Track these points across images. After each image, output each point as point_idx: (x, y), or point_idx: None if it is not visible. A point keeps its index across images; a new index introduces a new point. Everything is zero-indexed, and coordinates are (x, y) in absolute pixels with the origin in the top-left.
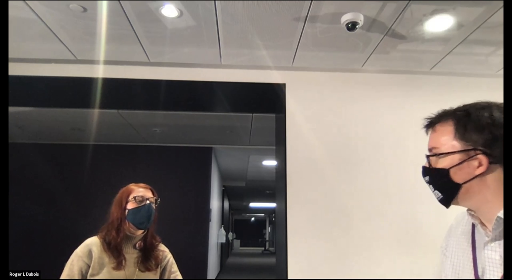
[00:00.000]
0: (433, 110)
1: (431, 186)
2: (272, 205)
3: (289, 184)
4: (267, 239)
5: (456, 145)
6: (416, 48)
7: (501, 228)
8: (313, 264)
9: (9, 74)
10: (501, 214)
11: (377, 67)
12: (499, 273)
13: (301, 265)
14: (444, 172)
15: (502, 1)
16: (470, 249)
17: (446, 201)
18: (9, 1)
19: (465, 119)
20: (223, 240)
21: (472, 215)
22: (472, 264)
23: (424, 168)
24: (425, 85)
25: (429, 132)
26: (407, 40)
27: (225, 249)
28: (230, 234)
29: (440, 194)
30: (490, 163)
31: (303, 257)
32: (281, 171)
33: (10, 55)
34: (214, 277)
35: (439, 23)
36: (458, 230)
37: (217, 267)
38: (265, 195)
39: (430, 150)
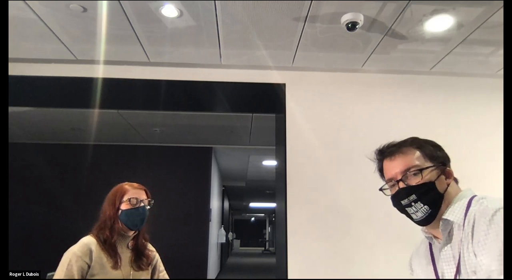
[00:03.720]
0: (433, 110)
1: (418, 203)
2: (272, 205)
3: (289, 184)
4: (267, 239)
5: (430, 163)
6: (416, 48)
7: (449, 228)
8: (313, 264)
9: (9, 74)
10: (443, 215)
11: (377, 67)
12: (454, 268)
13: (301, 265)
14: (432, 185)
15: (502, 1)
16: (431, 265)
17: (433, 215)
18: (9, 1)
19: (425, 144)
20: (223, 240)
21: (426, 232)
22: (434, 275)
23: (404, 189)
24: (425, 85)
25: (392, 159)
26: (407, 40)
27: (225, 249)
28: (230, 234)
29: (428, 209)
30: None
31: (303, 257)
32: (281, 171)
33: (10, 55)
34: (214, 277)
35: (439, 23)
36: (419, 252)
37: (217, 267)
38: (265, 195)
39: (405, 171)
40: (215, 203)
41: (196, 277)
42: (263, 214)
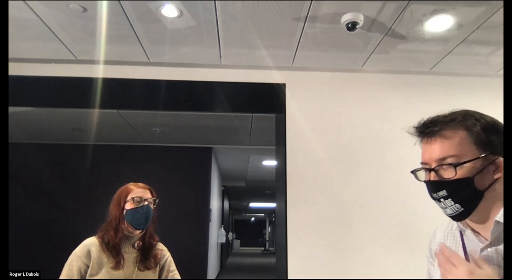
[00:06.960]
0: (433, 110)
1: (448, 200)
2: (272, 205)
3: (289, 184)
4: (267, 239)
5: (475, 151)
6: (416, 48)
7: (499, 232)
8: (313, 264)
9: (9, 74)
10: (498, 218)
11: (377, 67)
12: None
13: (301, 265)
14: (469, 182)
15: (502, 1)
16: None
17: (465, 214)
18: (9, 1)
19: (481, 124)
20: (223, 240)
21: (463, 223)
22: None
23: (434, 183)
24: (425, 85)
25: (429, 141)
26: (407, 40)
27: (225, 249)
28: (230, 234)
29: (460, 207)
30: None
31: (303, 257)
32: (281, 171)
33: (10, 55)
34: (214, 277)
35: (439, 23)
36: (441, 238)
37: (217, 267)
38: (265, 195)
39: (439, 160)
40: (215, 203)
41: (196, 277)
42: (263, 214)
